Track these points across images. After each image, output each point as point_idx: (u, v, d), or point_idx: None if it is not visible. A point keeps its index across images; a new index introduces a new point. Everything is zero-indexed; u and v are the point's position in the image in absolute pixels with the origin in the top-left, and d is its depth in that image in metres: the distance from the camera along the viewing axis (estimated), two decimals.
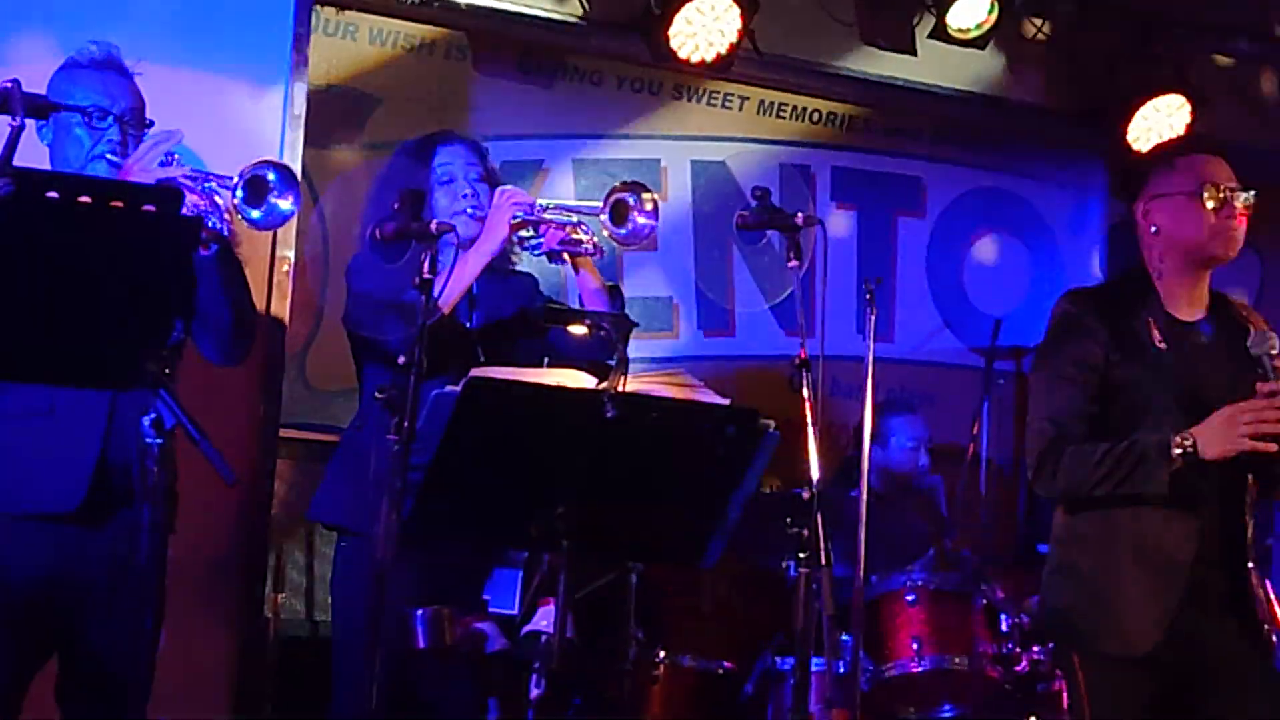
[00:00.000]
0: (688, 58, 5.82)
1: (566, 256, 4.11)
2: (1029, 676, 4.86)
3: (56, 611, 3.54)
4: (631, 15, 5.86)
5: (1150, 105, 6.45)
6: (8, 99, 3.25)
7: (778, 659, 4.99)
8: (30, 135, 3.39)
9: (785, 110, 6.47)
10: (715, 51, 5.82)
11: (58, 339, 2.88)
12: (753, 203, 3.94)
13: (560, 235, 4.08)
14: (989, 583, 5.00)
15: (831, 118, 6.56)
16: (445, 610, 3.90)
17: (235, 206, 3.44)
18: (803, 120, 6.50)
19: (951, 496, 5.99)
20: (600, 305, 4.09)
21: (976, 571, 5.02)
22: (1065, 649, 3.81)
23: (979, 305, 6.80)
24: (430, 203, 4.09)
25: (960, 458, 5.98)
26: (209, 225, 3.45)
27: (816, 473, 3.61)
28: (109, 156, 3.56)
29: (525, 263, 4.35)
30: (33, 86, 3.44)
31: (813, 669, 4.39)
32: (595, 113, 6.14)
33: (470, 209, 4.13)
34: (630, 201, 4.06)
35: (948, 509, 6.01)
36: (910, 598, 4.90)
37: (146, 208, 2.85)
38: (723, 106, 6.36)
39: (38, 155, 3.56)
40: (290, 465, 5.35)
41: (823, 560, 3.53)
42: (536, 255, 4.15)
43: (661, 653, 4.76)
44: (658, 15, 5.77)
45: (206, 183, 3.46)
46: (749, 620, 5.65)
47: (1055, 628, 3.91)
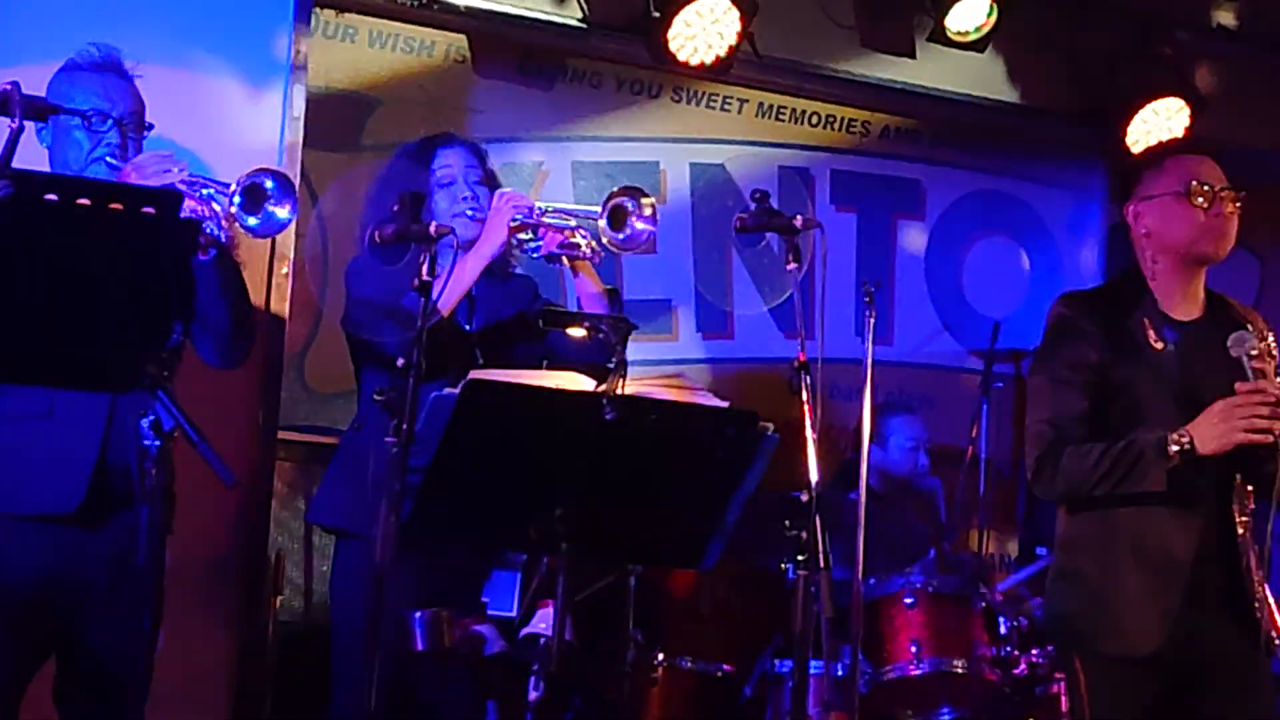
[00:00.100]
0: (687, 60, 5.83)
1: (565, 260, 4.11)
2: (1028, 679, 4.86)
3: (55, 612, 3.54)
4: (631, 18, 5.86)
5: (1150, 107, 6.45)
6: (7, 101, 3.24)
7: (776, 661, 4.99)
8: (30, 137, 3.40)
9: (784, 113, 6.47)
10: (714, 54, 5.82)
11: (56, 341, 2.88)
12: (752, 205, 3.94)
13: (559, 238, 4.07)
14: (988, 585, 5.01)
15: (831, 120, 6.55)
16: (444, 612, 3.89)
17: (233, 214, 3.44)
18: (802, 123, 6.50)
19: (950, 499, 5.99)
20: (599, 308, 4.09)
21: (975, 574, 5.02)
22: (1066, 651, 3.81)
23: (978, 308, 6.79)
24: (430, 205, 4.09)
25: (959, 460, 5.97)
26: (206, 231, 3.45)
27: (815, 475, 3.61)
28: (108, 160, 3.56)
29: (524, 265, 4.35)
30: (32, 88, 3.44)
31: (811, 671, 4.40)
32: (595, 115, 6.14)
33: (470, 211, 4.13)
34: (629, 207, 4.06)
35: (946, 512, 6.01)
36: (909, 600, 4.90)
37: (145, 210, 2.85)
38: (722, 109, 6.36)
39: (37, 157, 3.56)
40: (289, 467, 5.35)
41: (821, 563, 3.53)
42: (535, 258, 4.15)
43: (660, 655, 4.76)
44: (657, 18, 5.77)
45: (204, 188, 3.46)
46: (748, 622, 5.65)
47: (1057, 630, 3.91)
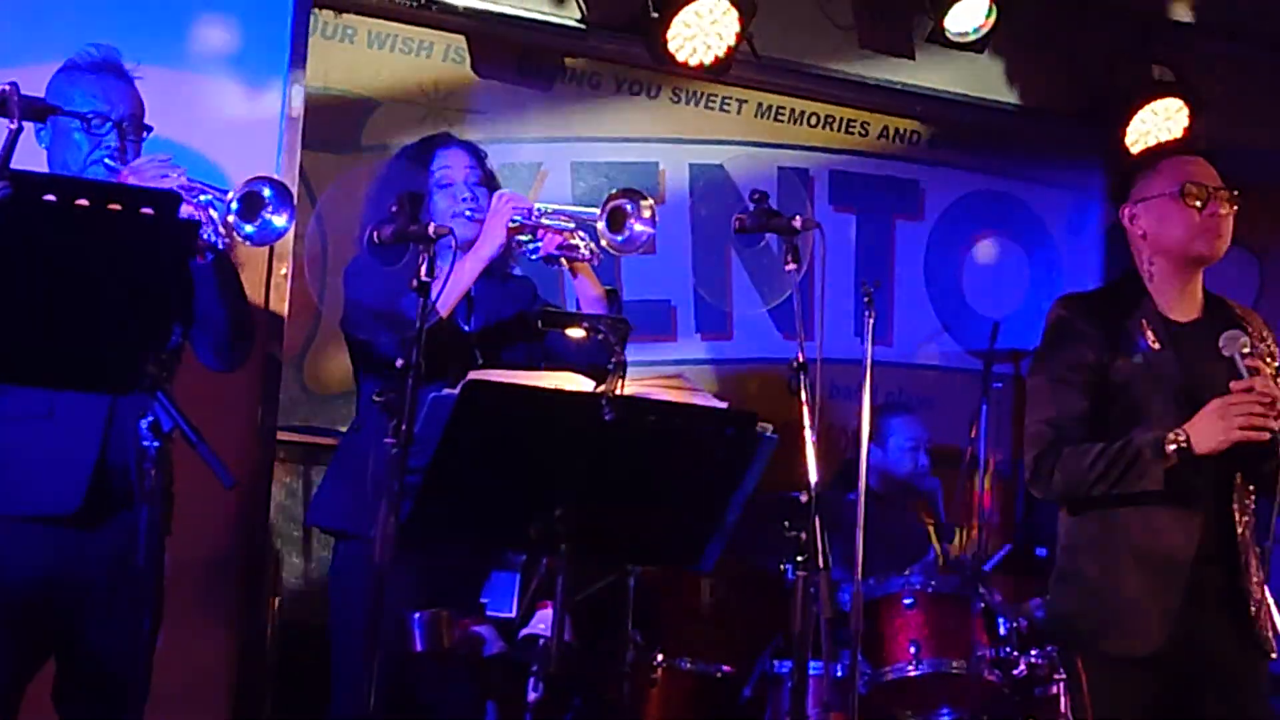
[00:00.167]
0: (686, 61, 5.83)
1: (564, 261, 4.11)
2: (1027, 680, 4.85)
3: (55, 613, 3.54)
4: (630, 18, 5.86)
5: (1149, 108, 6.45)
6: (5, 102, 3.24)
7: (776, 662, 4.98)
8: (28, 138, 3.39)
9: (783, 113, 6.46)
10: (713, 55, 5.82)
11: (55, 341, 2.88)
12: (751, 206, 3.94)
13: (558, 240, 4.07)
14: (987, 586, 5.00)
15: (830, 121, 6.55)
16: (443, 613, 3.89)
17: (230, 222, 3.43)
18: (801, 123, 6.50)
19: (950, 499, 5.98)
20: (598, 309, 4.08)
21: (974, 575, 5.01)
22: (1069, 652, 3.82)
23: (977, 308, 6.79)
24: (429, 206, 4.09)
25: (958, 461, 5.97)
26: (204, 238, 3.44)
27: (814, 475, 3.61)
28: (107, 162, 3.55)
29: (523, 266, 4.35)
30: (32, 89, 3.44)
31: (810, 672, 4.39)
32: (593, 116, 6.13)
33: (469, 212, 4.13)
34: (628, 209, 4.05)
35: (945, 512, 6.00)
36: (908, 601, 4.89)
37: (144, 211, 2.84)
38: (721, 110, 6.36)
39: (36, 157, 3.56)
40: (288, 468, 5.35)
41: (821, 563, 3.53)
42: (534, 259, 4.15)
43: (660, 656, 4.76)
44: (656, 18, 5.76)
45: (202, 194, 3.45)
46: (747, 623, 5.64)
47: (1059, 631, 3.92)
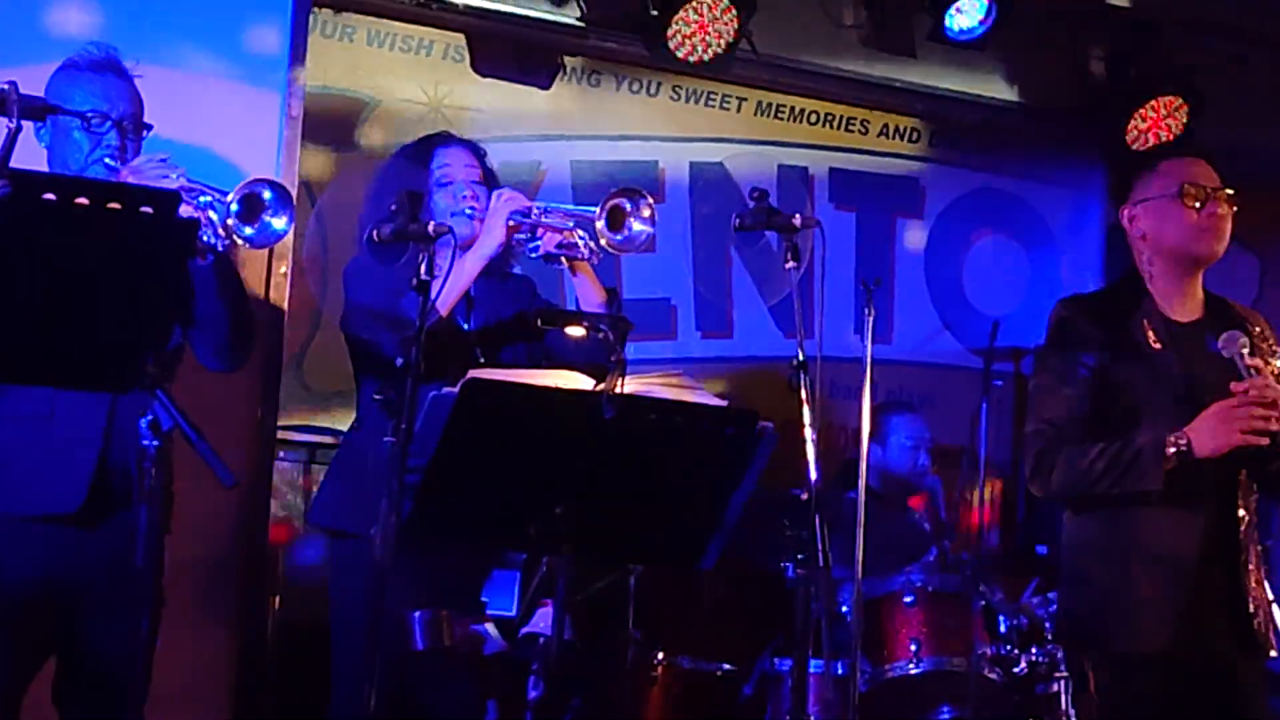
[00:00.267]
0: (686, 59, 5.83)
1: (563, 259, 4.10)
2: (1027, 678, 4.86)
3: (55, 612, 3.54)
4: (630, 16, 5.86)
5: (1149, 106, 6.45)
6: (4, 101, 3.24)
7: (776, 660, 4.98)
8: (28, 137, 3.39)
9: (783, 111, 6.46)
10: (713, 53, 5.82)
11: (55, 341, 2.88)
12: (751, 204, 3.94)
13: (557, 238, 4.07)
14: (988, 584, 5.00)
15: (830, 119, 6.55)
16: (444, 612, 3.89)
17: (229, 224, 3.42)
18: (801, 121, 6.50)
19: (950, 498, 5.98)
20: (598, 307, 4.08)
21: (975, 573, 5.01)
22: (1077, 653, 3.82)
23: (978, 306, 6.79)
24: (429, 204, 4.08)
25: (959, 459, 5.97)
26: (203, 239, 3.43)
27: (815, 474, 3.61)
28: (107, 161, 3.54)
29: (522, 265, 4.34)
30: (31, 88, 3.44)
31: (811, 670, 4.39)
32: (593, 114, 6.13)
33: (469, 210, 4.12)
34: (627, 208, 4.04)
35: (946, 510, 6.00)
36: (909, 599, 4.90)
37: (143, 210, 2.84)
38: (721, 108, 6.36)
39: (37, 157, 3.56)
40: (289, 467, 5.35)
41: (821, 562, 3.53)
42: (533, 258, 4.14)
43: (660, 654, 4.76)
44: (656, 16, 5.77)
45: (202, 195, 3.45)
46: (748, 621, 5.64)
47: (1066, 632, 3.92)
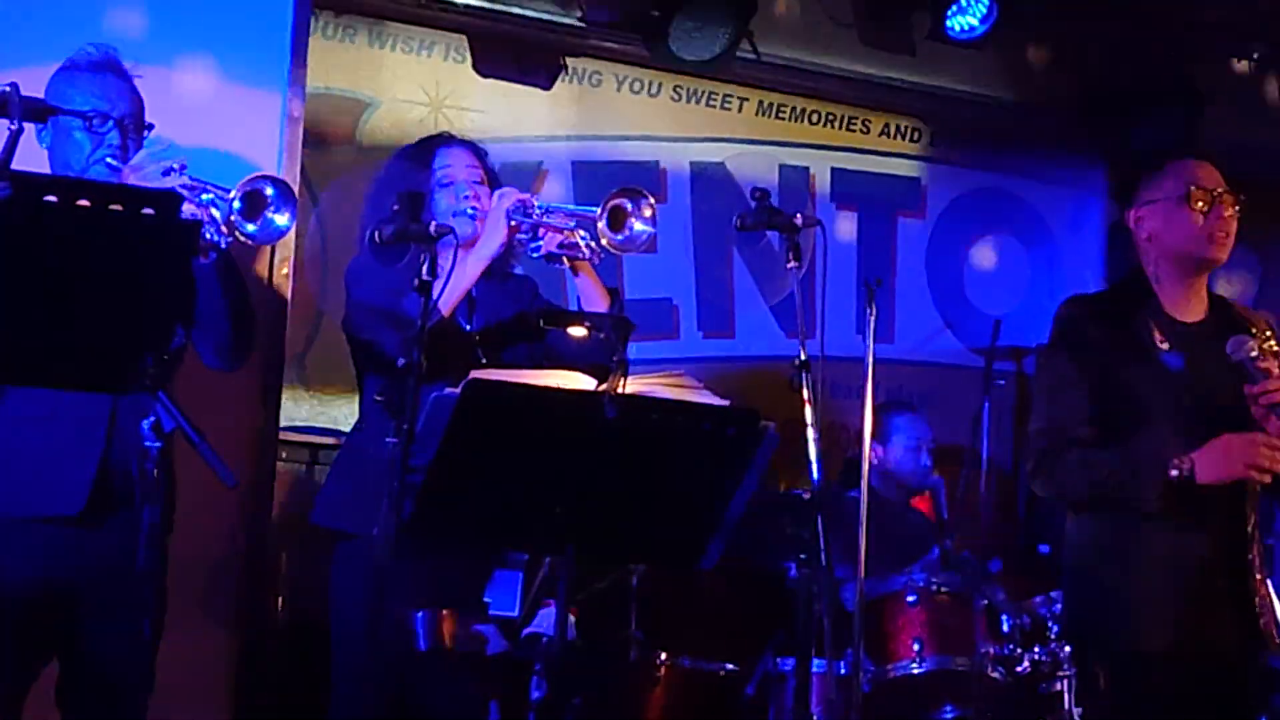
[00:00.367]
0: (687, 58, 5.82)
1: (565, 259, 4.10)
2: (1030, 677, 4.85)
3: (58, 614, 3.54)
4: (631, 16, 5.86)
5: (1150, 105, 6.44)
6: (6, 103, 3.23)
7: (779, 660, 4.98)
8: (29, 138, 3.39)
9: (784, 111, 6.46)
10: (714, 52, 5.82)
11: (57, 343, 2.88)
12: (752, 204, 3.94)
13: (559, 238, 4.06)
14: (990, 583, 5.00)
15: (831, 118, 6.55)
16: (446, 612, 3.89)
17: (232, 221, 3.42)
18: (802, 121, 6.50)
19: (952, 497, 5.98)
20: (599, 307, 4.08)
21: (977, 572, 5.01)
22: (1084, 652, 3.82)
23: (979, 306, 6.79)
24: (430, 205, 4.08)
25: (961, 458, 5.97)
26: (205, 237, 3.43)
27: (817, 474, 3.61)
28: (109, 160, 3.55)
29: (524, 265, 4.34)
30: (31, 89, 3.44)
31: (814, 670, 4.39)
32: (594, 114, 6.13)
33: (470, 210, 4.12)
34: (628, 208, 4.04)
35: (948, 509, 6.00)
36: (911, 598, 4.89)
37: (145, 211, 2.84)
38: (722, 108, 6.36)
39: (37, 158, 3.56)
40: (290, 467, 5.34)
41: (824, 561, 3.53)
42: (535, 258, 4.14)
43: (662, 654, 4.75)
44: (657, 16, 5.77)
45: (204, 193, 3.45)
46: (750, 621, 5.63)
47: (1073, 631, 3.93)
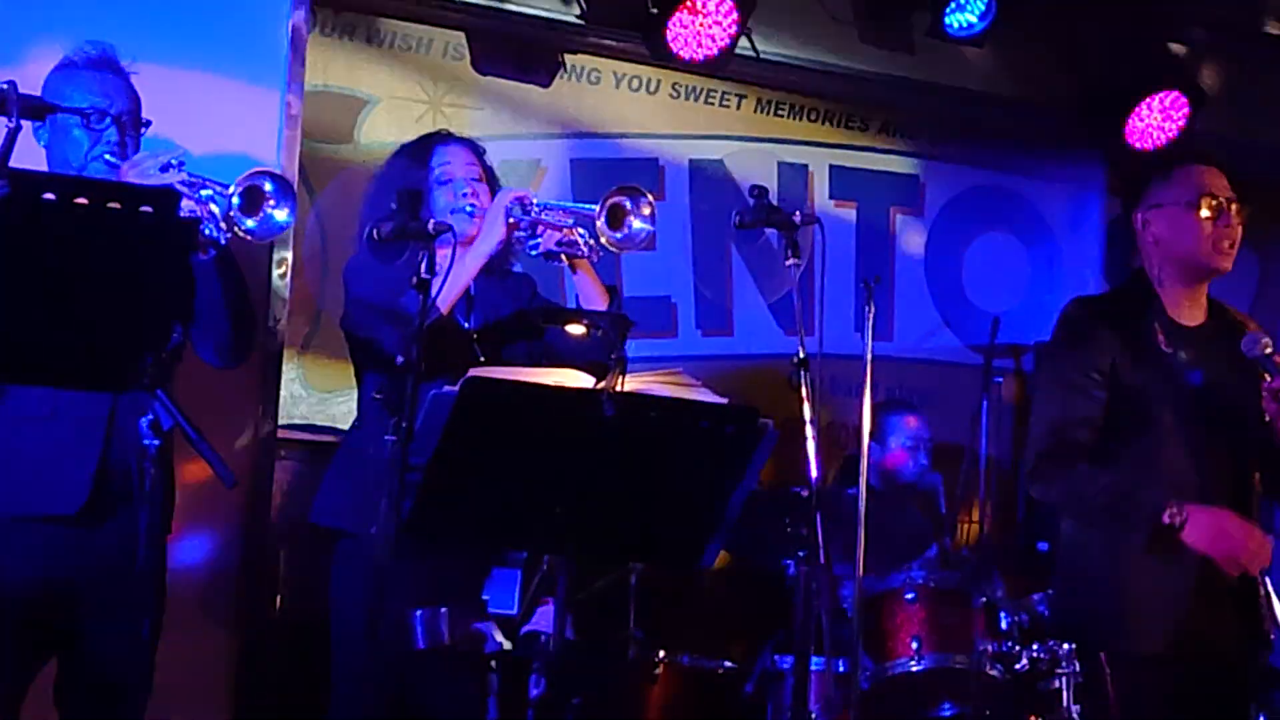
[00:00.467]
0: (685, 56, 5.82)
1: (564, 257, 4.10)
2: (1029, 675, 4.85)
3: (57, 613, 3.54)
4: (630, 14, 5.86)
5: (1149, 102, 6.44)
6: (4, 100, 3.23)
7: (777, 658, 4.98)
8: (27, 136, 3.39)
9: (783, 108, 6.46)
10: (713, 50, 5.82)
11: (55, 341, 2.88)
12: (751, 201, 3.94)
13: (557, 236, 4.06)
14: (989, 581, 4.99)
15: (829, 116, 6.54)
16: (444, 610, 3.89)
17: (231, 216, 3.42)
18: (800, 118, 6.49)
19: (951, 495, 5.98)
20: (598, 305, 4.08)
21: (976, 570, 5.01)
22: (1090, 650, 3.83)
23: (978, 303, 6.78)
24: (429, 202, 4.08)
25: (959, 456, 5.97)
26: (204, 233, 3.43)
27: (815, 471, 3.61)
28: (107, 157, 3.55)
29: (523, 263, 4.34)
30: (29, 87, 3.43)
31: (812, 668, 4.39)
32: (593, 112, 6.13)
33: (469, 208, 4.12)
34: (627, 206, 4.04)
35: (946, 507, 6.00)
36: (910, 596, 4.88)
37: (143, 209, 2.84)
38: (720, 105, 6.35)
39: (35, 156, 3.55)
40: (289, 466, 5.34)
41: (822, 559, 3.53)
42: (534, 256, 4.14)
43: (661, 652, 4.75)
44: (656, 14, 5.76)
45: (203, 189, 3.45)
46: (749, 619, 5.64)
47: (1074, 630, 3.93)
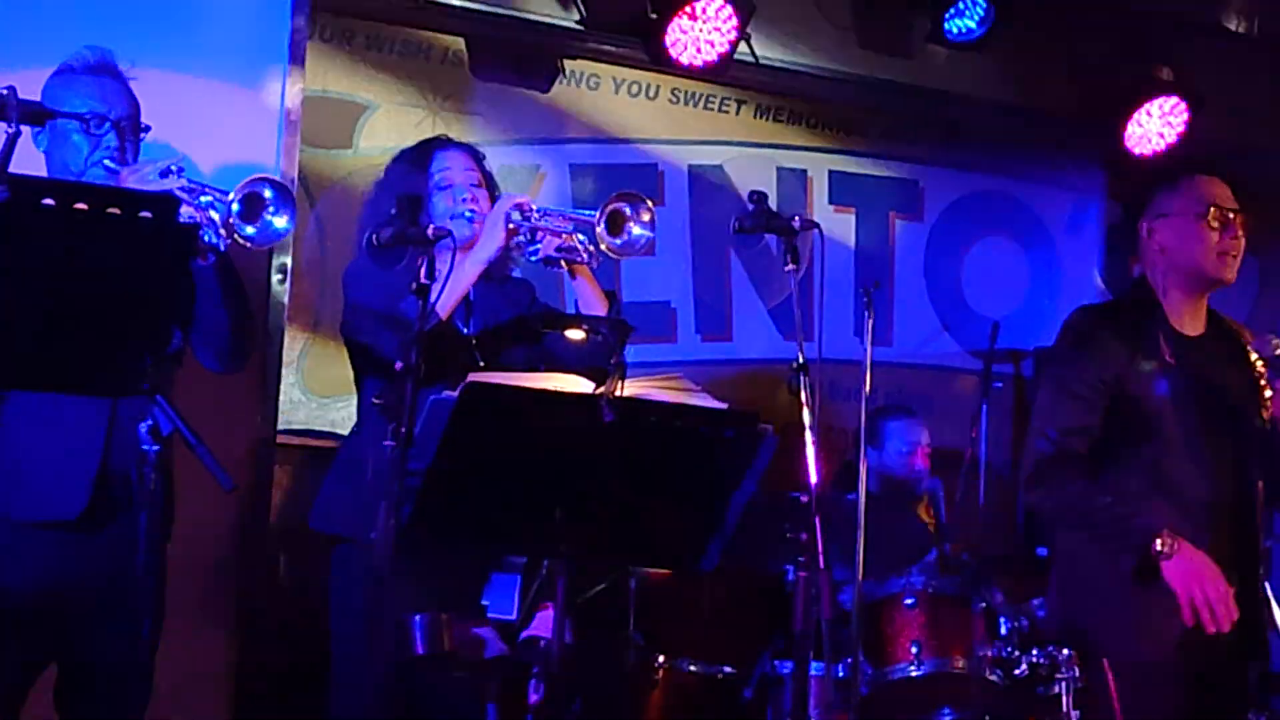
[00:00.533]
0: (685, 62, 5.83)
1: (563, 263, 4.10)
2: (1028, 680, 4.84)
3: (56, 618, 3.54)
4: (629, 19, 5.86)
5: (1147, 107, 6.45)
6: (3, 106, 3.23)
7: (777, 663, 4.98)
8: (26, 142, 3.39)
9: (782, 114, 6.46)
10: (713, 55, 5.82)
11: (55, 346, 2.88)
12: (750, 207, 3.94)
13: (557, 242, 4.06)
14: (988, 586, 4.99)
15: (829, 121, 6.55)
16: (443, 616, 3.88)
17: (230, 223, 3.42)
18: (800, 124, 6.50)
19: (950, 500, 5.98)
20: (597, 311, 4.08)
21: (975, 575, 5.01)
22: (1093, 657, 3.83)
23: (977, 308, 6.79)
24: (428, 208, 4.08)
25: (959, 461, 5.97)
26: (204, 239, 3.43)
27: (815, 476, 3.61)
28: (107, 163, 3.55)
29: (522, 269, 4.34)
30: (29, 92, 3.43)
31: (812, 673, 4.39)
32: (592, 117, 6.13)
33: (468, 213, 4.12)
34: (627, 212, 4.03)
35: (946, 512, 6.00)
36: (909, 601, 4.88)
37: (142, 215, 2.84)
38: (720, 110, 6.36)
39: (35, 162, 3.55)
40: (288, 471, 5.34)
41: (821, 564, 3.53)
42: (533, 262, 4.14)
43: (660, 657, 4.75)
44: (655, 19, 5.77)
45: (203, 195, 3.44)
46: (748, 624, 5.64)
47: (1076, 636, 3.93)
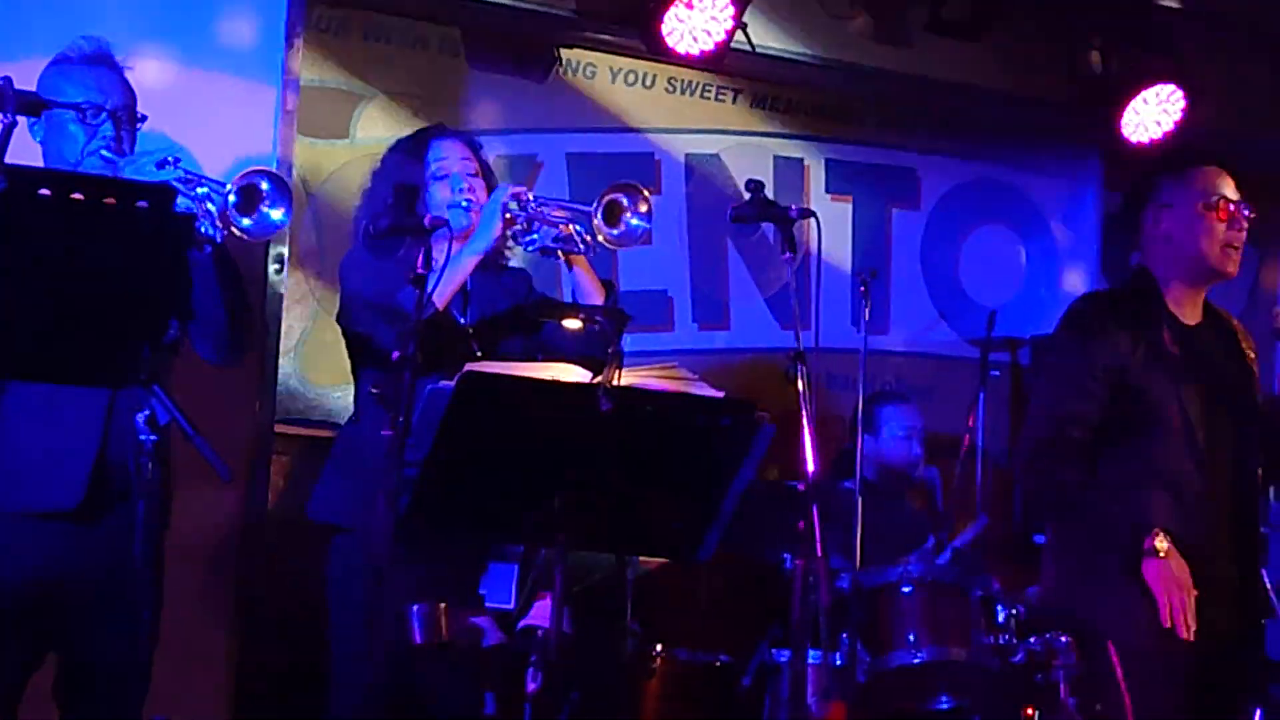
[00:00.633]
0: (681, 50, 5.82)
1: (560, 253, 4.10)
2: (1026, 667, 4.85)
3: (55, 609, 3.54)
4: (625, 8, 5.85)
5: (1144, 95, 6.45)
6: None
7: (774, 651, 4.98)
8: (22, 132, 3.39)
9: (779, 103, 6.46)
10: (709, 44, 5.82)
11: (51, 337, 2.88)
12: (747, 195, 3.94)
13: (554, 232, 4.07)
14: (985, 574, 5.00)
15: (825, 109, 6.54)
16: (441, 605, 3.89)
17: (227, 215, 3.42)
18: (796, 112, 6.49)
19: (947, 488, 5.98)
20: (594, 300, 4.08)
21: (973, 563, 5.02)
22: (1098, 643, 3.84)
23: (974, 296, 6.79)
24: (425, 198, 4.09)
25: (956, 449, 5.97)
26: (200, 230, 3.43)
27: (812, 465, 3.61)
28: (103, 153, 3.54)
29: (519, 258, 4.34)
30: (25, 82, 3.43)
31: (809, 661, 4.39)
32: (589, 106, 6.13)
33: (465, 203, 4.13)
34: (624, 203, 4.04)
35: (943, 501, 6.00)
36: (906, 589, 4.89)
37: (140, 204, 2.84)
38: (716, 99, 6.35)
39: (31, 152, 3.55)
40: (286, 461, 5.34)
41: (819, 552, 3.54)
42: (530, 251, 4.14)
43: (658, 646, 4.76)
44: (651, 8, 5.76)
45: (200, 186, 3.44)
46: (746, 612, 5.64)
47: (1076, 623, 3.94)
